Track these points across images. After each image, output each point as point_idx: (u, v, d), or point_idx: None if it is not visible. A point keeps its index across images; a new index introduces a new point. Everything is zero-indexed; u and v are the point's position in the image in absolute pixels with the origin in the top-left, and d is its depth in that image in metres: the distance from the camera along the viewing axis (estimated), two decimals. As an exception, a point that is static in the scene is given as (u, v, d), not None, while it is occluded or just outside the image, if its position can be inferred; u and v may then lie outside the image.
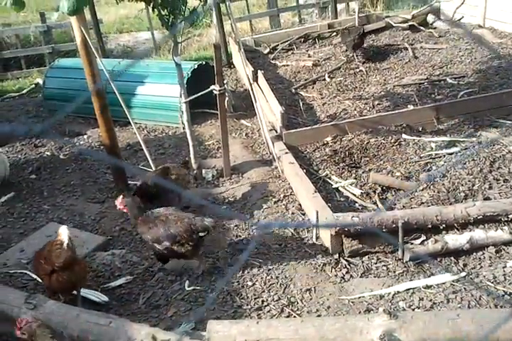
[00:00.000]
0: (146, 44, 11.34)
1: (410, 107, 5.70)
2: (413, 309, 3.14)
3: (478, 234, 3.60)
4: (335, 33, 8.77)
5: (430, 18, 8.99)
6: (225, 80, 5.42)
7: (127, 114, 4.95)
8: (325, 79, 7.10)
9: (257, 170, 5.20)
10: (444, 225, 3.64)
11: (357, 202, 4.38)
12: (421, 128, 5.37)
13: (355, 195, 4.46)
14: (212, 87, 4.85)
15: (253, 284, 3.55)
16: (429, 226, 3.64)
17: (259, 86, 6.46)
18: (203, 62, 6.79)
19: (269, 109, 6.03)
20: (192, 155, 5.14)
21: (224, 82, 4.94)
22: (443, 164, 4.58)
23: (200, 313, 3.26)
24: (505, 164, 4.42)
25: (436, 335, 2.71)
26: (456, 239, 3.59)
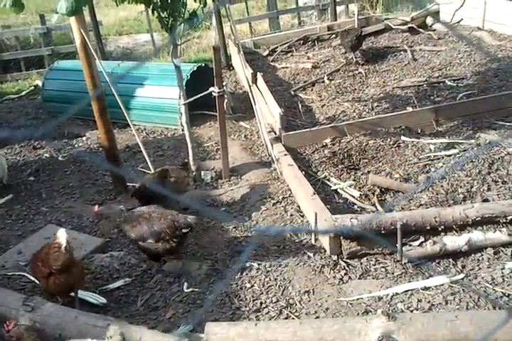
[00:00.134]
0: (146, 46, 11.35)
1: (409, 109, 5.71)
2: (411, 311, 3.13)
3: (476, 236, 3.60)
4: (334, 35, 8.79)
5: (429, 21, 9.01)
6: (225, 82, 5.43)
7: (126, 116, 4.95)
8: (324, 81, 7.10)
9: (256, 172, 5.20)
10: (443, 227, 3.64)
11: (356, 204, 4.38)
12: (420, 130, 5.37)
13: (353, 197, 4.46)
14: (211, 89, 4.86)
15: (251, 286, 3.54)
16: (427, 228, 3.64)
17: (258, 88, 6.47)
18: (203, 64, 6.81)
19: (268, 111, 6.03)
20: (191, 157, 5.14)
21: (223, 84, 4.95)
22: (442, 166, 4.58)
23: (198, 315, 3.25)
24: (503, 166, 4.42)
25: (434, 337, 2.71)
26: (454, 241, 3.58)
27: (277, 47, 8.71)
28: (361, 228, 3.58)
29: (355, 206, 4.36)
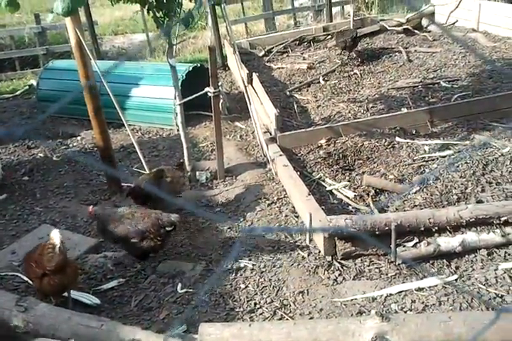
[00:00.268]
0: (141, 46, 11.33)
1: (404, 110, 5.72)
2: (405, 311, 3.14)
3: (470, 237, 3.61)
4: (330, 36, 8.80)
5: (424, 22, 9.04)
6: (220, 82, 5.42)
7: (121, 116, 4.94)
8: (319, 81, 7.11)
9: (251, 173, 5.20)
10: (437, 228, 3.65)
11: (350, 205, 4.38)
12: (414, 131, 5.39)
13: (348, 198, 4.46)
14: (206, 89, 4.85)
15: (246, 287, 3.54)
16: (421, 228, 3.65)
17: (253, 88, 6.46)
18: (198, 64, 6.80)
19: (263, 112, 6.03)
20: (186, 157, 5.13)
21: (218, 84, 4.95)
22: (436, 167, 4.60)
23: (189, 312, 3.25)
24: (497, 167, 4.44)
25: (428, 338, 2.72)
26: (448, 242, 3.59)
27: (273, 47, 8.72)
28: (355, 229, 3.59)
29: (349, 207, 4.37)
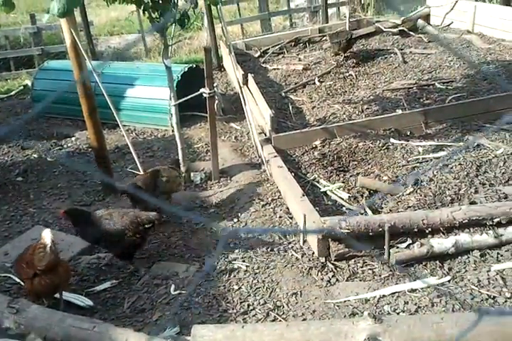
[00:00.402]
0: (137, 46, 11.32)
1: (399, 112, 5.73)
2: (398, 313, 3.14)
3: (463, 238, 3.61)
4: (325, 38, 8.81)
5: (420, 24, 9.06)
6: (215, 83, 5.43)
7: (116, 117, 4.92)
8: (315, 83, 7.12)
9: (246, 174, 5.20)
10: (430, 229, 3.65)
11: (344, 206, 4.39)
12: (409, 132, 5.40)
13: (342, 199, 4.46)
14: (202, 90, 4.85)
15: (239, 288, 3.54)
16: (415, 230, 3.65)
17: (249, 89, 6.46)
18: (194, 65, 6.79)
19: (258, 113, 6.03)
20: (181, 158, 5.12)
21: (214, 85, 4.94)
22: (430, 168, 4.60)
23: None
24: (491, 168, 4.45)
25: (420, 339, 2.72)
26: (441, 243, 3.60)
27: (269, 48, 8.72)
28: (349, 230, 3.59)
29: (343, 208, 4.37)
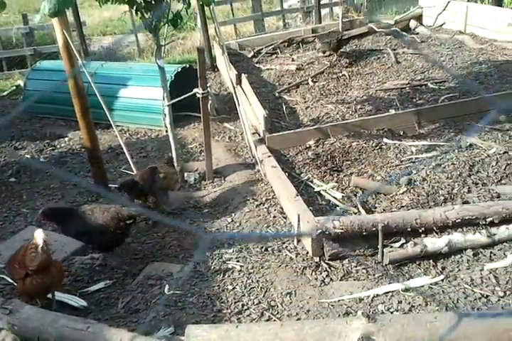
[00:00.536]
0: (130, 46, 11.29)
1: (392, 112, 5.75)
2: (392, 312, 3.15)
3: (456, 238, 3.64)
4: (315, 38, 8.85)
5: (412, 24, 9.11)
6: (209, 83, 5.42)
7: (109, 117, 4.91)
8: (308, 83, 7.13)
9: (240, 174, 5.20)
10: (424, 228, 3.67)
11: (338, 206, 4.40)
12: (402, 132, 5.42)
13: (336, 199, 4.48)
14: (195, 90, 4.84)
15: (233, 288, 3.53)
16: (408, 229, 3.67)
17: (242, 89, 6.46)
18: (187, 65, 6.78)
19: (252, 113, 6.03)
20: (174, 158, 5.11)
21: (207, 85, 4.94)
22: (423, 167, 4.63)
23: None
24: (484, 168, 4.48)
25: (414, 338, 2.73)
26: (435, 242, 3.62)
27: (262, 49, 8.73)
28: (343, 230, 3.60)
29: (337, 208, 4.38)
